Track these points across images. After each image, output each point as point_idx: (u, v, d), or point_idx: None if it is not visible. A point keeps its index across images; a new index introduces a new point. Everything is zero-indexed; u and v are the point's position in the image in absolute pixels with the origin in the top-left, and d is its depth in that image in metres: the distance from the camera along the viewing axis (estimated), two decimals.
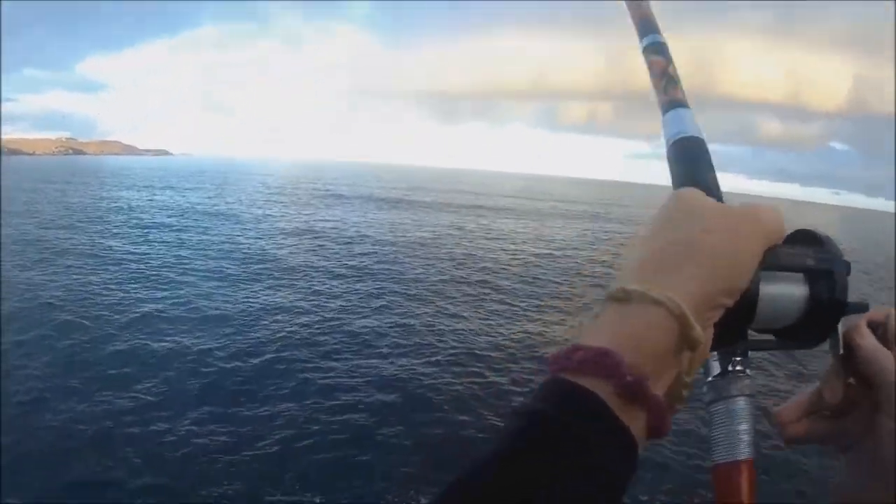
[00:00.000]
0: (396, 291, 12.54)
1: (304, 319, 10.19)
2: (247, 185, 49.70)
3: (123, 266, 14.10)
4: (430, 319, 10.62)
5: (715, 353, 0.48)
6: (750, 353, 0.49)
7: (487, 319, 11.03)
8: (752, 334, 0.49)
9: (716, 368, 0.48)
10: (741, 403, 0.47)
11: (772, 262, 0.45)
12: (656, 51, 0.66)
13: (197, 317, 10.20)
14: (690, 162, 0.56)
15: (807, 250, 0.47)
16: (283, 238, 20.00)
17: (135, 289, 11.92)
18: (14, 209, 24.14)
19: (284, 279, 13.36)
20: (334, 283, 13.15)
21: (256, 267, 14.51)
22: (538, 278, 15.59)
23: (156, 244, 17.63)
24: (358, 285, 12.99)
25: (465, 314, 11.22)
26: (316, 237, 20.15)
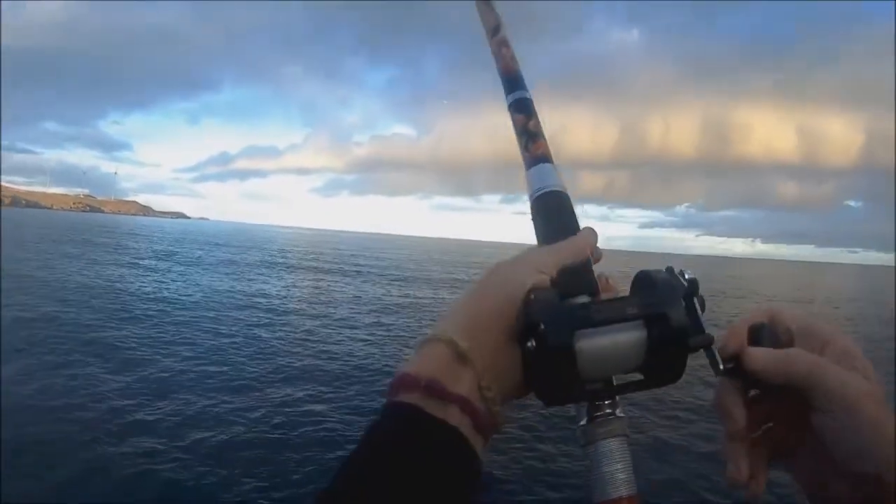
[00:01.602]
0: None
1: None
2: (264, 253, 50.21)
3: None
4: None
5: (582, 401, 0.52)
6: (618, 396, 0.52)
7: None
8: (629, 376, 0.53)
9: (584, 415, 0.51)
10: (613, 444, 0.49)
11: (585, 320, 0.47)
12: (519, 107, 0.69)
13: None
14: (553, 216, 0.60)
15: (630, 299, 0.50)
16: (300, 305, 19.94)
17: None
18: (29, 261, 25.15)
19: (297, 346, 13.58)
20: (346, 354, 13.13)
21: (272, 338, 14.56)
22: None
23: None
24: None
25: None
26: (331, 313, 19.76)
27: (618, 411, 0.51)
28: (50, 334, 12.11)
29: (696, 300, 0.50)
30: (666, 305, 0.48)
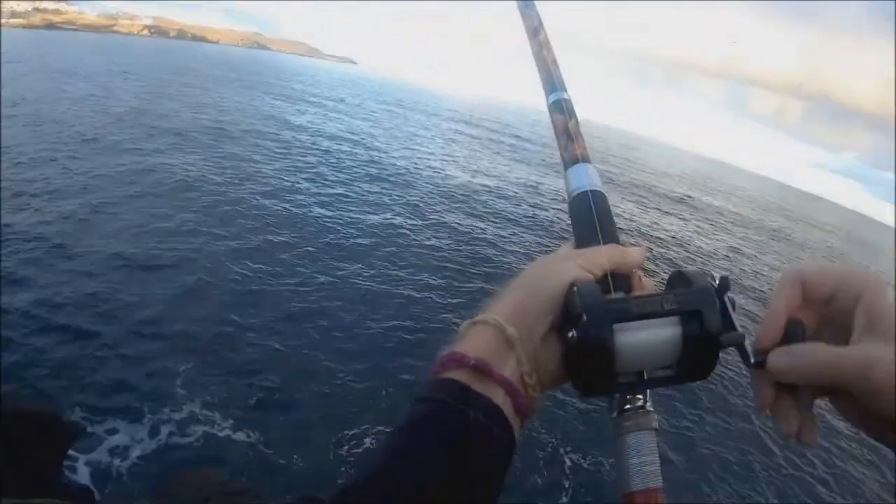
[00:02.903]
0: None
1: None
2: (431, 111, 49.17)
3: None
4: None
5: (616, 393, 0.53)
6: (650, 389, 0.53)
7: None
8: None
9: (615, 407, 0.53)
10: (642, 437, 0.51)
11: (626, 313, 0.49)
12: (559, 109, 0.71)
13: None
14: (592, 215, 0.62)
15: (667, 296, 0.51)
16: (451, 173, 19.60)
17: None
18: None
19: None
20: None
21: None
22: None
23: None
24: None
25: None
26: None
27: (648, 405, 0.52)
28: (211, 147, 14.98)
29: (727, 299, 0.51)
30: (701, 303, 0.50)
